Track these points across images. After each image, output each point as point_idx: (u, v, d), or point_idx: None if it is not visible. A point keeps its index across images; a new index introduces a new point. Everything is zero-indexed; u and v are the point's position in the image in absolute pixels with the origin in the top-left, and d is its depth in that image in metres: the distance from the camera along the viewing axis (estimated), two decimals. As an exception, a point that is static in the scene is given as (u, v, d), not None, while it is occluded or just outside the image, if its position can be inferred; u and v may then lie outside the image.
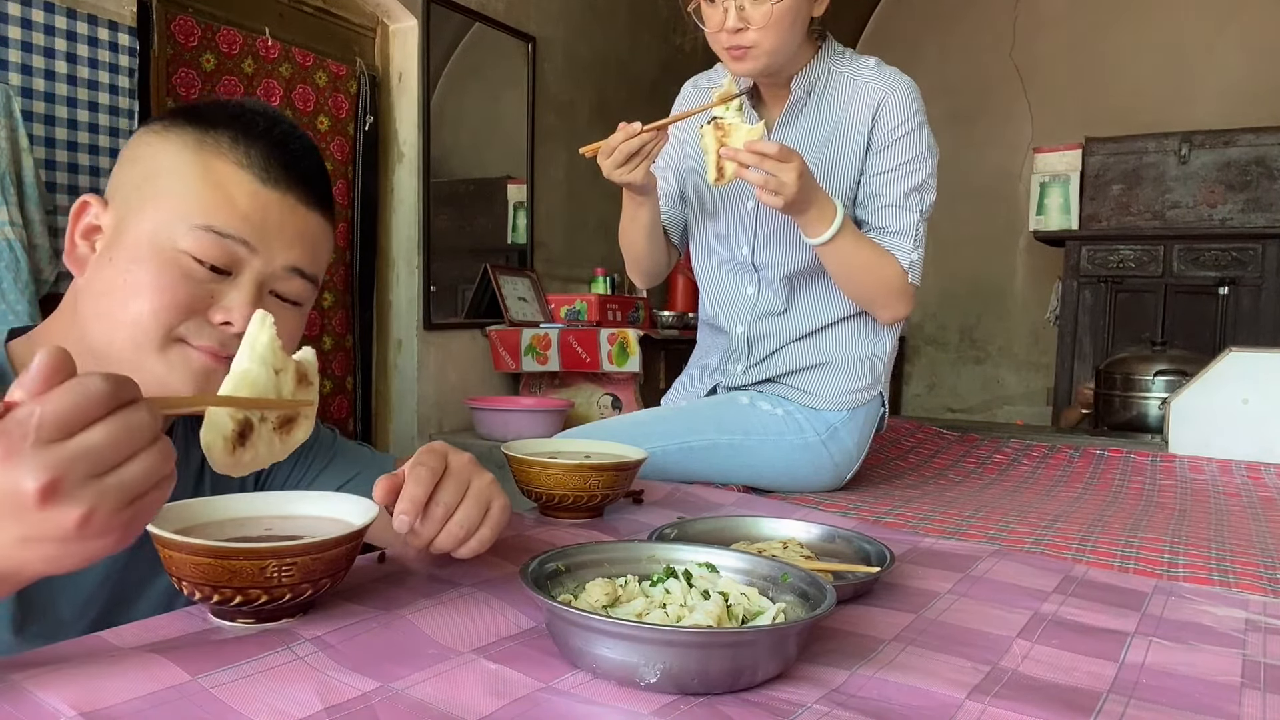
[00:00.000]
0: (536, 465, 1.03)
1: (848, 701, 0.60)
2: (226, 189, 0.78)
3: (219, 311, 0.78)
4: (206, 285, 0.78)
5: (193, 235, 0.76)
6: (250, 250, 0.79)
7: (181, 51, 2.66)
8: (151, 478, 0.51)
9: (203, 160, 0.79)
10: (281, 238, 0.81)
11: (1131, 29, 5.13)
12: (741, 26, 1.34)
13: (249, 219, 0.78)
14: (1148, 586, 0.93)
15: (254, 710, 0.53)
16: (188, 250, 0.76)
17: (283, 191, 0.81)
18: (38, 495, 0.47)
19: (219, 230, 0.77)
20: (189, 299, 0.77)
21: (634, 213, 1.49)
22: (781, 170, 1.24)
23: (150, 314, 0.76)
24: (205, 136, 0.80)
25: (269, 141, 0.81)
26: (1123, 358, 2.69)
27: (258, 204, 0.79)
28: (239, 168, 0.79)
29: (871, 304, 1.46)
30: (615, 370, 3.42)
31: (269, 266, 0.80)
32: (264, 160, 0.80)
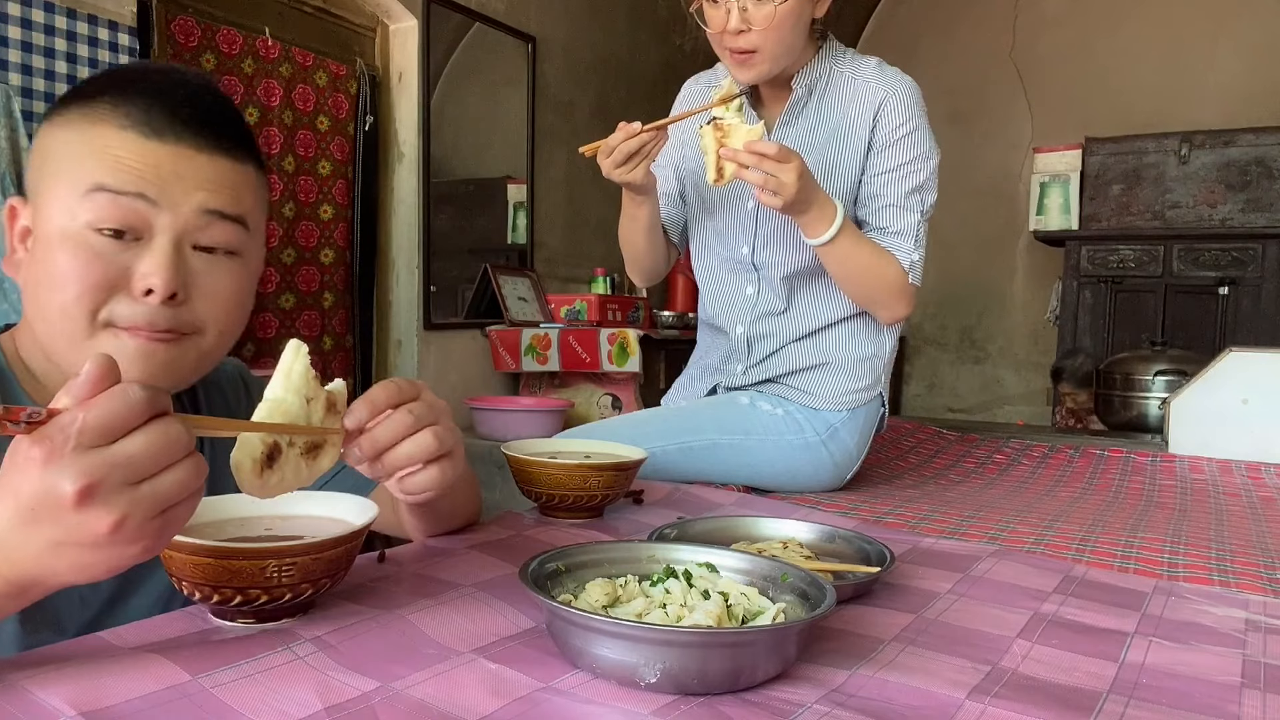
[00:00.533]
0: (536, 465, 1.03)
1: (848, 701, 0.60)
2: (112, 151, 0.74)
3: (138, 280, 0.74)
4: (119, 257, 0.74)
5: (87, 203, 0.73)
6: (150, 203, 0.74)
7: (181, 52, 2.66)
8: (184, 490, 0.53)
9: (85, 132, 0.75)
10: (182, 186, 0.76)
11: (1131, 29, 5.13)
12: (744, 28, 1.33)
13: (141, 174, 0.74)
14: (1148, 586, 0.93)
15: (254, 710, 0.53)
16: (88, 223, 0.73)
17: (173, 142, 0.75)
18: (75, 498, 0.48)
19: (111, 188, 0.73)
20: (103, 277, 0.73)
21: (633, 212, 1.49)
22: (781, 170, 1.24)
23: (73, 302, 0.73)
24: (87, 109, 0.76)
25: (150, 95, 0.76)
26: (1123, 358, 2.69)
27: (147, 159, 0.74)
28: (121, 129, 0.75)
29: (872, 304, 1.46)
30: (615, 370, 3.42)
31: (178, 217, 0.75)
32: (145, 114, 0.75)
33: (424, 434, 0.71)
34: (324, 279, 3.22)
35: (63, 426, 0.49)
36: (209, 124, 0.78)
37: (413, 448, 0.71)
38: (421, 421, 0.71)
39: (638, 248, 1.54)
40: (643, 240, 1.52)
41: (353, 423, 0.69)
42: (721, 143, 1.27)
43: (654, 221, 1.51)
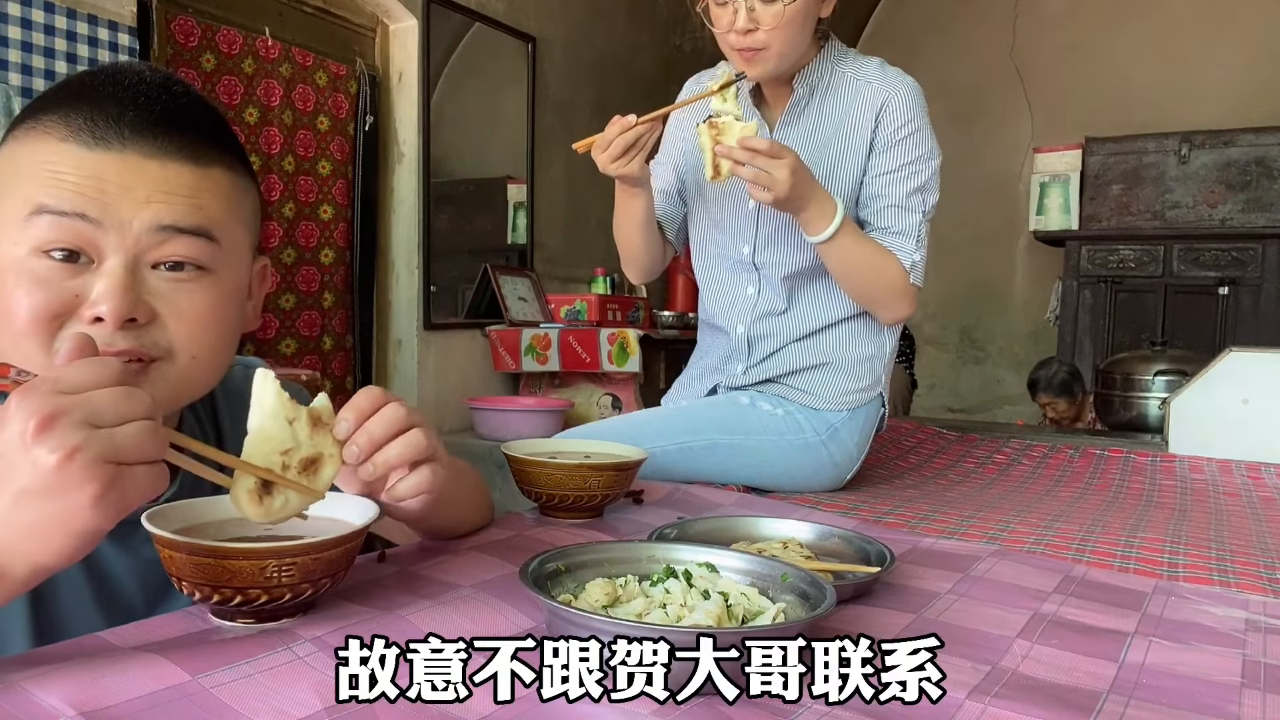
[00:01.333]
0: (536, 465, 1.03)
1: (848, 701, 0.60)
2: (50, 167, 0.67)
3: (87, 308, 0.67)
4: (68, 284, 0.67)
5: (28, 227, 0.66)
6: (93, 224, 0.67)
7: (181, 51, 2.66)
8: (141, 447, 0.55)
9: (27, 148, 0.69)
10: (129, 200, 0.68)
11: (1131, 29, 5.13)
12: (752, 27, 1.33)
13: (80, 189, 0.67)
14: (1148, 586, 0.93)
15: (254, 710, 0.53)
16: (32, 247, 0.66)
17: (118, 150, 0.68)
18: (34, 429, 0.51)
19: (49, 208, 0.66)
20: (49, 306, 0.67)
21: (627, 205, 1.48)
22: (773, 166, 1.25)
23: (25, 336, 0.67)
24: (35, 123, 0.69)
25: (95, 101, 0.69)
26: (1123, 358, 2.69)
27: (87, 171, 0.67)
28: (63, 141, 0.68)
29: (873, 303, 1.46)
30: (615, 370, 3.42)
31: (126, 235, 0.68)
32: (88, 124, 0.68)
33: (413, 432, 0.71)
34: (324, 279, 3.22)
35: (43, 378, 0.54)
36: (162, 126, 0.70)
37: (403, 447, 0.70)
38: (408, 421, 0.71)
39: (633, 243, 1.54)
40: (638, 235, 1.52)
41: (343, 431, 0.69)
42: (717, 140, 1.28)
43: (649, 216, 1.51)
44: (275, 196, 2.99)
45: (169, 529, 0.63)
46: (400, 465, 0.71)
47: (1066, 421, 3.90)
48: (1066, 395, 3.93)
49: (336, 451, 0.69)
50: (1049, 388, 3.97)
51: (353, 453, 0.69)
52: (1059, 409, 3.95)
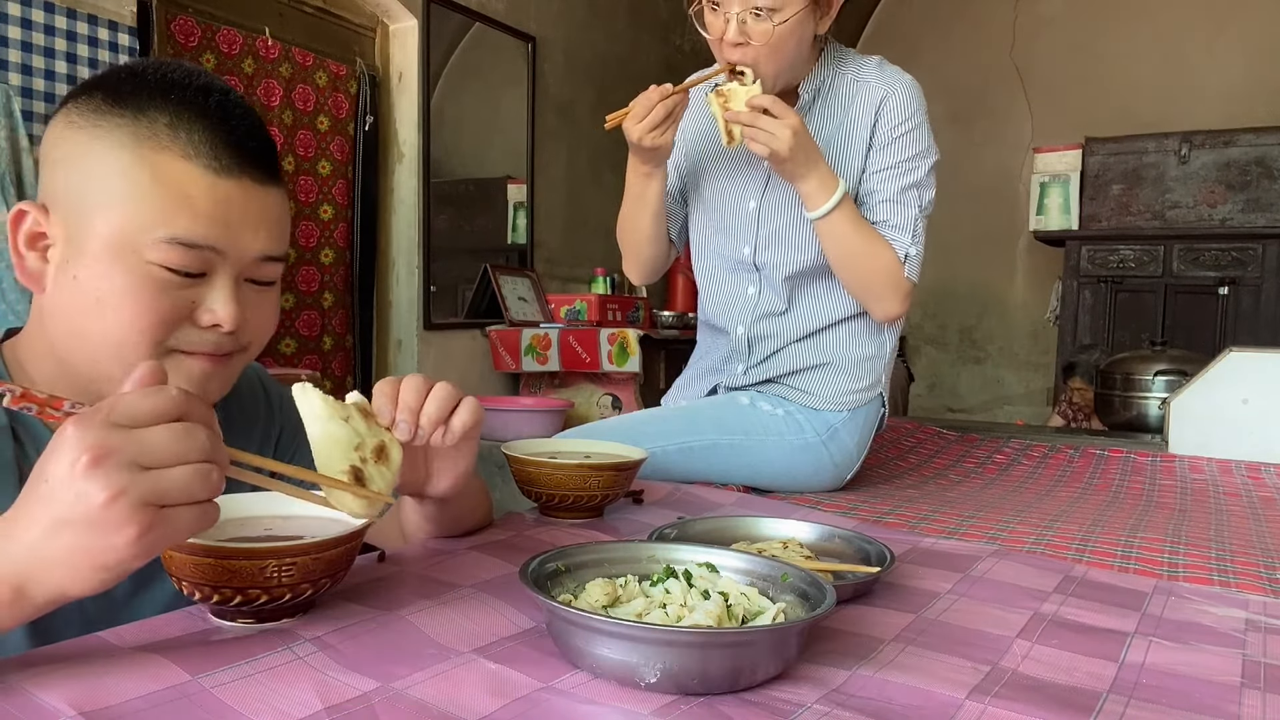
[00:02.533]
0: (536, 465, 1.03)
1: (848, 701, 0.60)
2: (181, 189, 0.72)
3: (205, 314, 0.76)
4: (185, 292, 0.74)
5: (159, 249, 0.72)
6: (220, 254, 0.75)
7: (181, 52, 2.66)
8: (190, 490, 0.54)
9: (144, 158, 0.72)
10: (246, 227, 0.76)
11: (1131, 29, 5.13)
12: (742, 41, 1.33)
13: (212, 218, 0.73)
14: (1148, 586, 0.93)
15: (254, 710, 0.53)
16: (157, 261, 0.72)
17: (237, 177, 0.75)
18: (86, 463, 0.51)
19: (185, 241, 0.72)
20: (172, 310, 0.74)
21: (642, 190, 1.48)
22: (774, 125, 1.28)
23: (138, 333, 0.73)
24: (138, 127, 0.72)
25: (210, 120, 0.74)
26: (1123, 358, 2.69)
27: (216, 199, 0.73)
28: (187, 160, 0.73)
29: (866, 293, 1.44)
30: (615, 370, 3.42)
31: (241, 261, 0.77)
32: (210, 146, 0.73)
33: (438, 388, 0.78)
34: (324, 279, 3.22)
35: (99, 407, 0.54)
36: (263, 154, 0.78)
37: (437, 402, 0.77)
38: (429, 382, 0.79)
39: (642, 234, 1.53)
40: (648, 224, 1.51)
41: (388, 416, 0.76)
42: (725, 108, 1.33)
43: (660, 204, 1.50)
44: (275, 196, 2.99)
45: (169, 529, 0.63)
46: (442, 417, 0.78)
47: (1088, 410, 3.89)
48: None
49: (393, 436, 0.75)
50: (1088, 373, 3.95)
51: (404, 429, 0.75)
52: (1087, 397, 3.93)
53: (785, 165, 1.32)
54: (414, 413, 0.76)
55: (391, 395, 0.77)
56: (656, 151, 1.39)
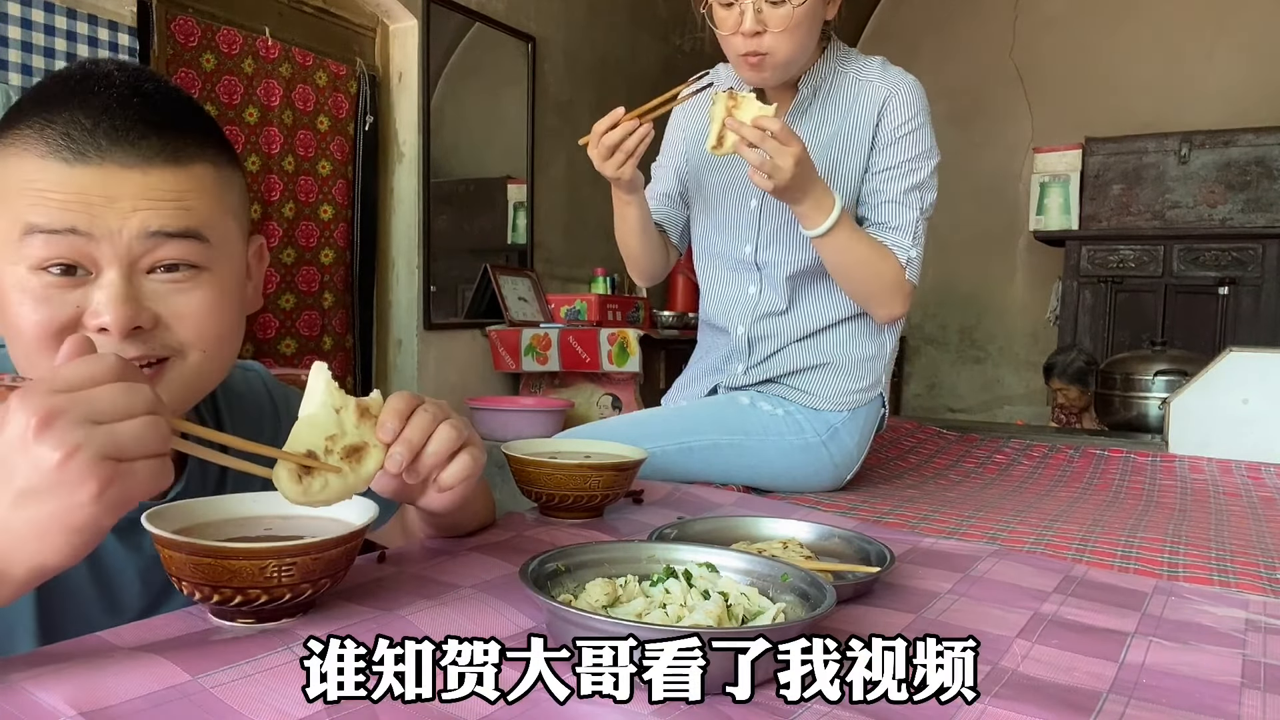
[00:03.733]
0: (536, 465, 1.03)
1: (848, 701, 0.60)
2: (35, 185, 0.68)
3: (90, 319, 0.69)
4: (69, 296, 0.69)
5: (23, 247, 0.68)
6: (84, 237, 0.68)
7: (181, 51, 2.66)
8: (143, 442, 0.55)
9: (9, 167, 0.69)
10: (115, 211, 0.68)
11: (1131, 29, 5.13)
12: (759, 29, 1.33)
13: (66, 205, 0.67)
14: (1148, 586, 0.93)
15: (254, 710, 0.53)
16: (30, 265, 0.68)
17: (97, 163, 0.68)
18: (35, 428, 0.51)
19: (41, 227, 0.67)
20: (54, 319, 0.68)
21: (622, 212, 1.49)
22: (779, 154, 1.23)
23: (36, 352, 0.69)
24: (14, 138, 0.69)
25: (70, 110, 0.69)
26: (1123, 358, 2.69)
27: (70, 188, 0.67)
28: (42, 158, 0.68)
29: (868, 300, 1.45)
30: (615, 370, 3.42)
31: (118, 246, 0.69)
32: (66, 138, 0.68)
33: (443, 428, 0.73)
34: (324, 279, 3.22)
35: (41, 379, 0.55)
36: (137, 131, 0.69)
37: (438, 444, 0.72)
38: (437, 419, 0.73)
39: (632, 248, 1.54)
40: (635, 241, 1.52)
41: (387, 434, 0.70)
42: (731, 112, 1.26)
43: (645, 223, 1.51)
44: (275, 196, 2.99)
45: (169, 529, 0.63)
46: (439, 462, 0.73)
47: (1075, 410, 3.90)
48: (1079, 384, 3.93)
49: (380, 445, 0.71)
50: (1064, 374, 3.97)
51: (395, 461, 0.70)
52: (1070, 396, 3.94)
53: (785, 195, 1.29)
54: (412, 448, 0.71)
55: (401, 413, 0.71)
56: (619, 182, 1.38)
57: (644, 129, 1.32)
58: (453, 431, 0.73)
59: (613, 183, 1.40)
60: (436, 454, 0.72)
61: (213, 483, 0.88)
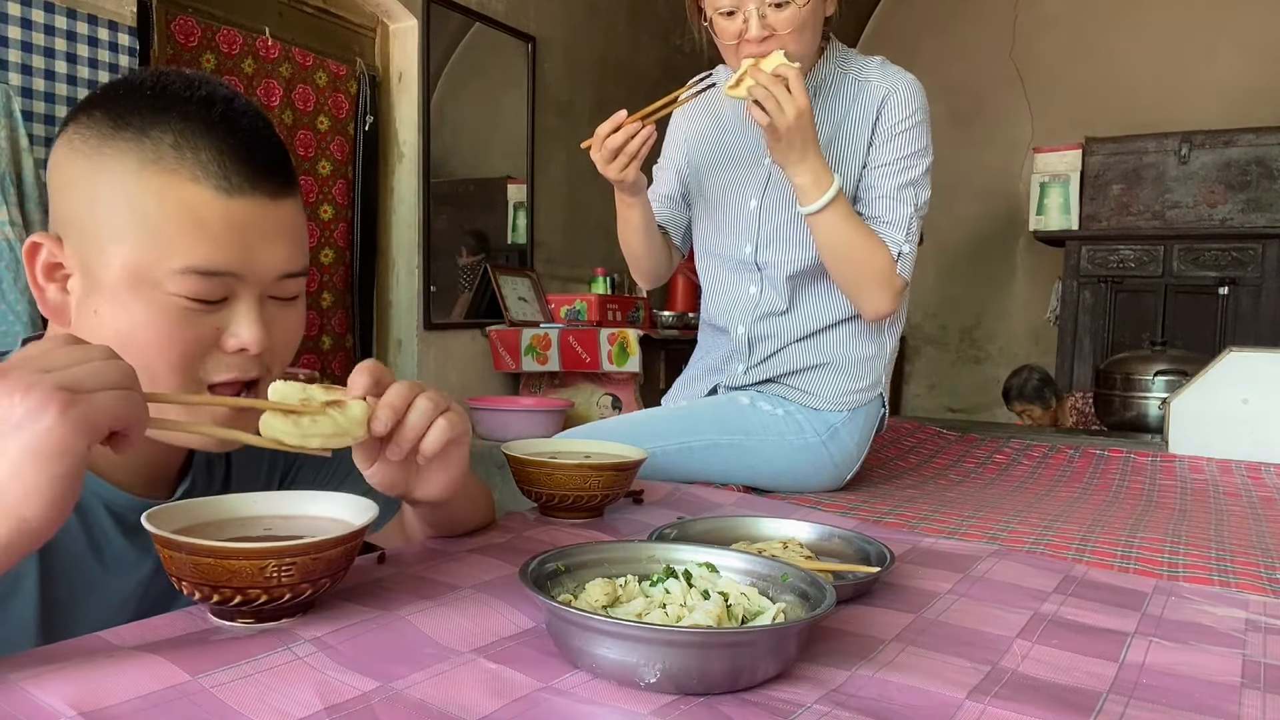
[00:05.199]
0: (536, 465, 1.03)
1: (847, 701, 0.60)
2: (193, 214, 0.70)
3: (230, 339, 0.74)
4: (209, 319, 0.73)
5: (177, 280, 0.70)
6: (239, 279, 0.73)
7: (181, 51, 2.66)
8: (100, 375, 0.57)
9: (150, 184, 0.70)
10: (264, 247, 0.74)
11: (1131, 29, 5.13)
12: (766, 34, 1.33)
13: (228, 243, 0.72)
14: (1148, 586, 0.93)
15: (254, 710, 0.53)
16: (176, 293, 0.71)
17: (250, 195, 0.72)
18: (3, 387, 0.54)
19: (203, 270, 0.71)
20: (197, 340, 0.73)
21: (625, 214, 1.49)
22: (785, 99, 1.25)
23: (166, 367, 0.72)
24: (142, 151, 0.70)
25: (216, 135, 0.72)
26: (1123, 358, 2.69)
27: (230, 221, 0.72)
28: (195, 183, 0.70)
29: (858, 289, 1.43)
30: (615, 370, 3.42)
31: (261, 280, 0.75)
32: (219, 165, 0.71)
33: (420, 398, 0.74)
34: (323, 279, 3.22)
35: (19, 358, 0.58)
36: (274, 166, 0.75)
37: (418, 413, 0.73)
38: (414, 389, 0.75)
39: (634, 249, 1.55)
40: (638, 242, 1.52)
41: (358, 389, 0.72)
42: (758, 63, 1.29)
43: (648, 224, 1.51)
44: (275, 196, 2.99)
45: (169, 529, 0.63)
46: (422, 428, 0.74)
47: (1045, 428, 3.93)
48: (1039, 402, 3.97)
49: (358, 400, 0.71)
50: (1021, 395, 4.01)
51: (381, 420, 0.71)
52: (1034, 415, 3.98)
53: (780, 145, 1.29)
54: (396, 410, 0.72)
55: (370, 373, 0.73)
56: (623, 185, 1.38)
57: (646, 131, 1.32)
58: (429, 401, 0.74)
59: (616, 185, 1.40)
60: (416, 425, 0.73)
61: (218, 483, 0.88)
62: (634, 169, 1.34)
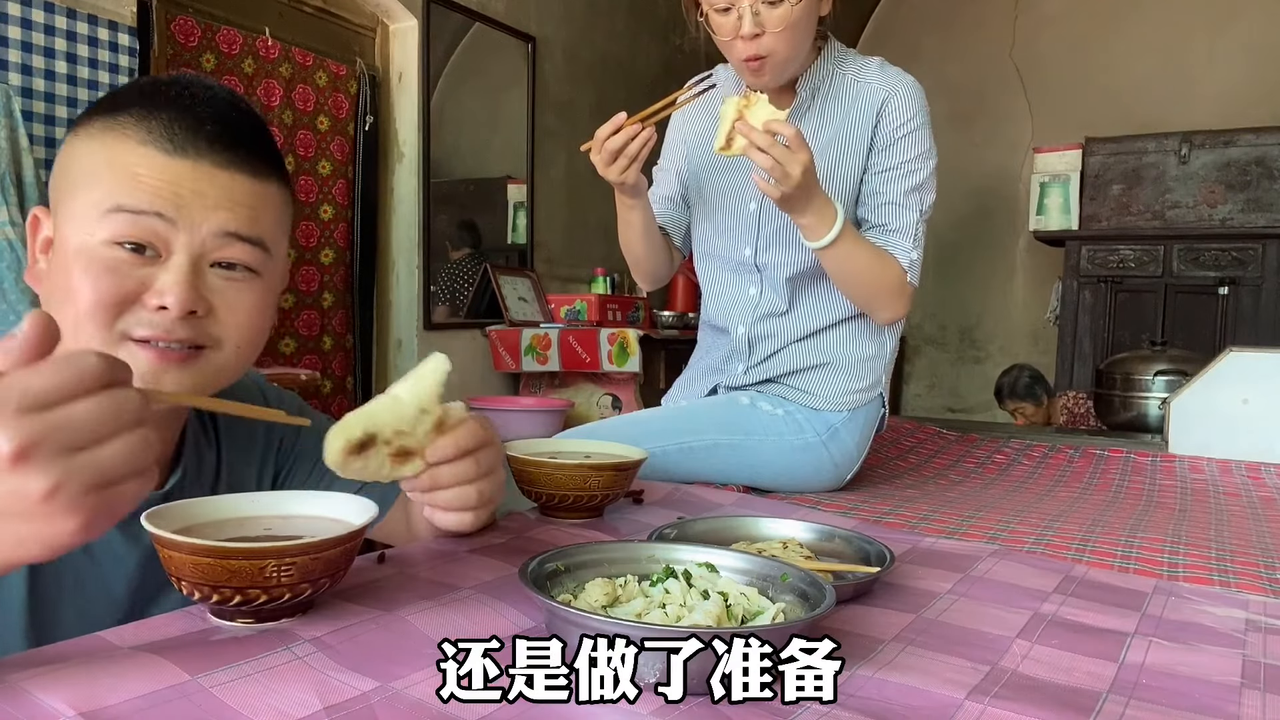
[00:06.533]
0: (536, 465, 1.03)
1: (847, 701, 0.60)
2: (131, 168, 0.73)
3: (153, 295, 0.74)
4: (136, 272, 0.73)
5: (105, 221, 0.72)
6: (167, 222, 0.73)
7: (181, 51, 2.66)
8: (130, 463, 0.52)
9: (108, 147, 0.74)
10: (201, 205, 0.75)
11: (1131, 29, 5.13)
12: (758, 31, 1.33)
13: (159, 192, 0.73)
14: (1148, 586, 0.93)
15: (253, 710, 0.53)
16: (105, 238, 0.72)
17: (194, 159, 0.75)
18: (10, 458, 0.47)
19: (128, 208, 0.73)
20: (118, 290, 0.73)
21: (626, 215, 1.49)
22: (789, 160, 1.21)
23: (87, 315, 0.72)
24: (112, 122, 0.75)
25: (175, 109, 0.75)
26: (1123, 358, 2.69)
27: (167, 176, 0.74)
28: (142, 144, 0.74)
29: (870, 304, 1.45)
30: (615, 370, 3.42)
31: (195, 236, 0.75)
32: (167, 130, 0.74)
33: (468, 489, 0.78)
34: (324, 279, 3.22)
35: (6, 387, 0.48)
36: (233, 141, 0.77)
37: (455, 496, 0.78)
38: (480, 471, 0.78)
39: (635, 251, 1.54)
40: (639, 244, 1.52)
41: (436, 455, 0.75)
42: (742, 114, 1.23)
43: (648, 226, 1.51)
44: (275, 196, 2.99)
45: (169, 528, 0.63)
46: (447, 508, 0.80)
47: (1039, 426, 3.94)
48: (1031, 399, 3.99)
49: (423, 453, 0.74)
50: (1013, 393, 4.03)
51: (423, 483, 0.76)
52: (1026, 413, 4.00)
53: (786, 201, 1.28)
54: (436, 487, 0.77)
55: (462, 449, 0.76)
56: (623, 187, 1.38)
57: (646, 133, 1.32)
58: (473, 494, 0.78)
59: (616, 187, 1.40)
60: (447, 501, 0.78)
61: (209, 474, 0.89)
62: (634, 170, 1.34)
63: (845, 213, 1.33)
